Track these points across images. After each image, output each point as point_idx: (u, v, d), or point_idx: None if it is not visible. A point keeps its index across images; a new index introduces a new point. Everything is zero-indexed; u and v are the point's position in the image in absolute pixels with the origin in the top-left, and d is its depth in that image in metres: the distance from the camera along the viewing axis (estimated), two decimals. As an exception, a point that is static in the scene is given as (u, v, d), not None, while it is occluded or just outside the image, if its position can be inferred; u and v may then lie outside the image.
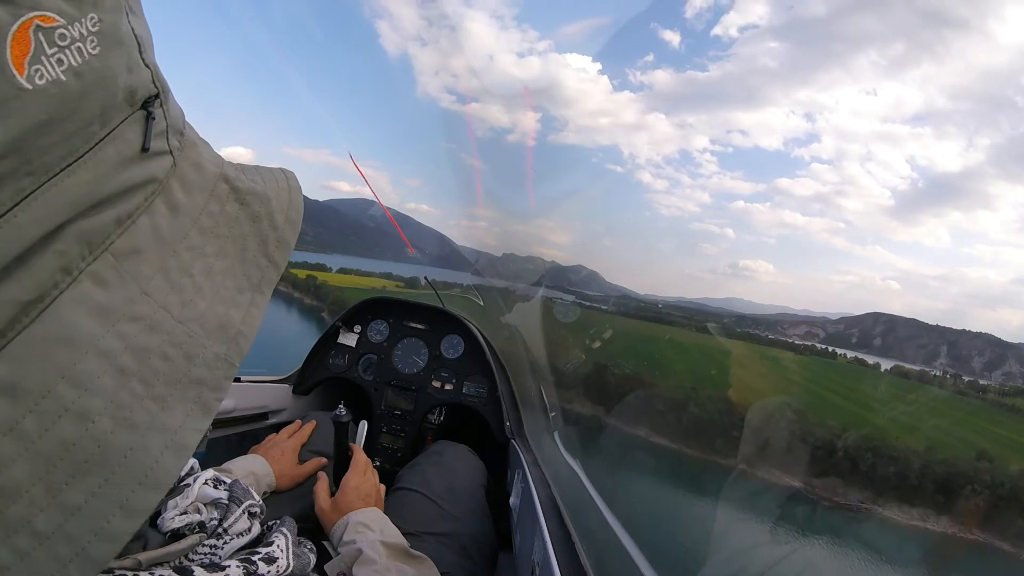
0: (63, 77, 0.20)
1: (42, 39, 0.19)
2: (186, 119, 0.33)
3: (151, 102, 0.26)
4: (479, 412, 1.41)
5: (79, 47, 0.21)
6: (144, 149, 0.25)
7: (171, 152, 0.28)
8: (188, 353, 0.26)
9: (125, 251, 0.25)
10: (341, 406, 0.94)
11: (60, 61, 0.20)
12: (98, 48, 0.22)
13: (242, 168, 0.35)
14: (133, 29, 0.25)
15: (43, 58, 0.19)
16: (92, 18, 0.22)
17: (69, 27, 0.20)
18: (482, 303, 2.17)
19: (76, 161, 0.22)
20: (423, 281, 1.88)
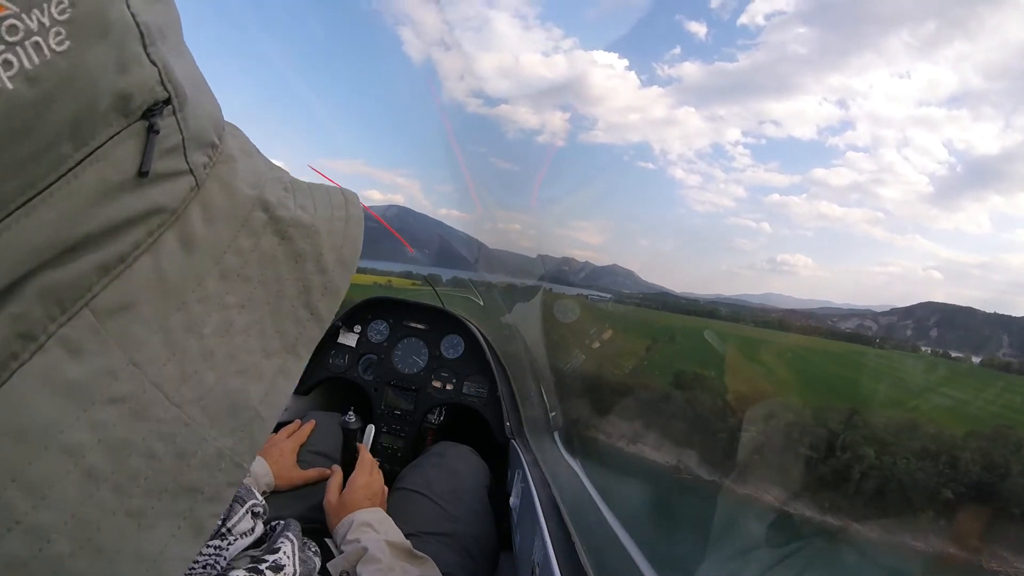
0: (9, 85, 0.15)
1: None
2: (228, 127, 0.27)
3: (157, 110, 0.20)
4: (479, 412, 1.41)
5: (37, 42, 0.16)
6: (142, 173, 0.20)
7: (191, 171, 0.22)
8: (181, 449, 0.20)
9: (111, 307, 0.19)
10: (351, 413, 0.95)
11: (7, 64, 0.15)
12: (67, 42, 0.17)
13: (293, 187, 0.28)
14: (134, 14, 0.19)
15: None
16: (60, 2, 0.16)
17: (24, 16, 0.15)
18: (482, 303, 2.17)
19: (37, 195, 0.17)
20: (424, 277, 1.89)
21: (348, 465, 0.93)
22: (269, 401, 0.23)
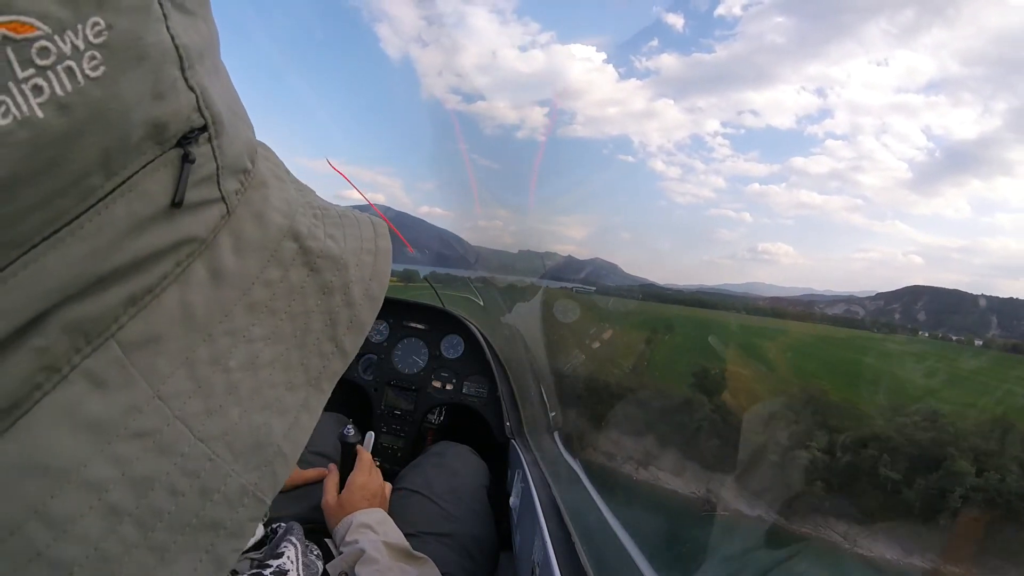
0: (40, 114, 0.14)
1: (12, 57, 0.13)
2: (260, 148, 0.26)
3: (192, 137, 0.19)
4: (479, 412, 1.41)
5: (69, 67, 0.15)
6: (175, 203, 0.19)
7: (224, 199, 0.22)
8: (204, 486, 0.19)
9: (138, 339, 0.19)
10: (349, 426, 0.94)
11: (37, 89, 0.14)
12: (102, 68, 0.15)
13: (323, 214, 0.27)
14: (174, 36, 0.18)
15: (11, 86, 0.14)
16: (95, 24, 0.15)
17: (57, 39, 0.14)
18: (482, 303, 2.17)
19: (64, 228, 0.16)
20: (422, 277, 1.89)
21: (347, 475, 0.91)
22: (292, 437, 0.22)
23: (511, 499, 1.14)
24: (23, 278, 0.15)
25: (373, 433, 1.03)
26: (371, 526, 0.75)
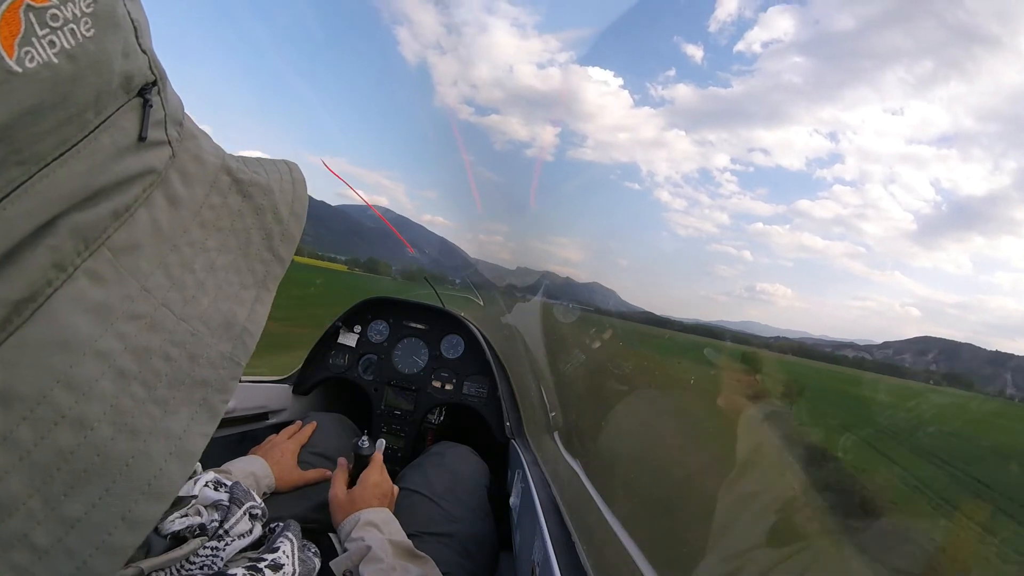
0: (55, 60, 0.19)
1: (33, 19, 0.18)
2: (185, 111, 0.31)
3: (148, 89, 0.24)
4: (479, 412, 1.41)
5: (72, 28, 0.19)
6: (141, 138, 0.24)
7: (169, 143, 0.27)
8: (191, 353, 0.24)
9: (123, 246, 0.23)
10: (365, 437, 0.95)
11: (52, 43, 0.19)
12: (92, 30, 0.20)
13: (244, 160, 0.33)
14: (129, 13, 0.23)
15: (34, 39, 0.18)
16: None
17: (62, 7, 0.19)
18: (482, 303, 2.17)
19: (69, 150, 0.20)
20: (427, 279, 1.89)
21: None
22: (252, 320, 0.28)
23: (511, 499, 1.14)
24: (42, 187, 0.19)
25: (384, 441, 1.03)
26: (378, 525, 0.75)
